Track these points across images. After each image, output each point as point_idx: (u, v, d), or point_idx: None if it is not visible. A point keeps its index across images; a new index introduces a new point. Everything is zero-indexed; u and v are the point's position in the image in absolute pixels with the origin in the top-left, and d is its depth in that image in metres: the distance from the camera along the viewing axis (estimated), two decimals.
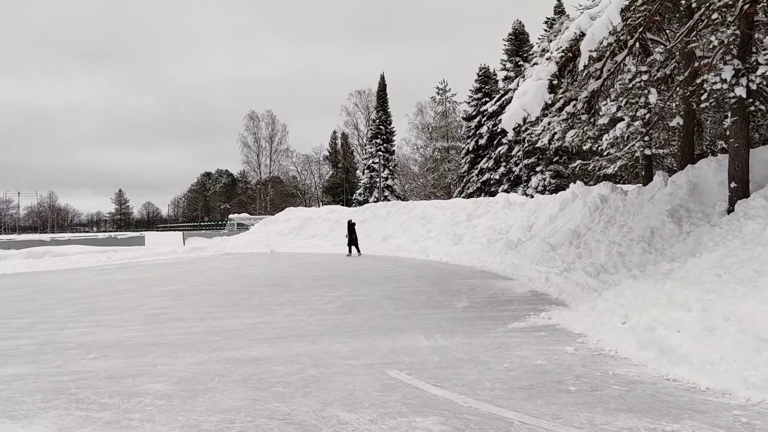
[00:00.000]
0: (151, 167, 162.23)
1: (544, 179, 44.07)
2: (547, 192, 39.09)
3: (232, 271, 18.63)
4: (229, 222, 56.71)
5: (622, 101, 12.95)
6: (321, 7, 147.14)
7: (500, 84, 53.21)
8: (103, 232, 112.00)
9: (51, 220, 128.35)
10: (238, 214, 62.95)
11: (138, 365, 6.31)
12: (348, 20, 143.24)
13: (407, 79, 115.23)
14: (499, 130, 48.12)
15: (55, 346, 7.48)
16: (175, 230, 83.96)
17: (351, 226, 25.32)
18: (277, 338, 7.59)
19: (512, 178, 48.55)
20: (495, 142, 50.46)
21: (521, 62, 46.58)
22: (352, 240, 24.79)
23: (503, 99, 48.05)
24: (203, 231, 57.42)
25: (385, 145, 68.01)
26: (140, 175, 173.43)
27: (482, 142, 52.06)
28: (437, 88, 67.04)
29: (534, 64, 12.59)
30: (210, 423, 4.40)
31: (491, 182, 50.52)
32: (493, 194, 42.59)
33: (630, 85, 12.07)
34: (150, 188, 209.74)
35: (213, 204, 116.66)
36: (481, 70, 55.67)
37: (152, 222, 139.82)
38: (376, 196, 63.08)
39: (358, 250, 24.84)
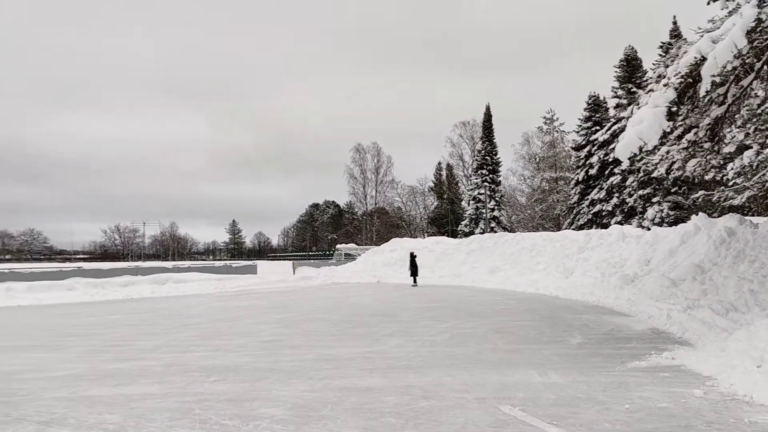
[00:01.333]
0: (261, 199, 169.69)
1: (662, 211, 41.96)
2: (664, 224, 37.19)
3: (341, 301, 18.97)
4: (336, 252, 57.95)
5: (749, 128, 12.16)
6: (410, 39, 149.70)
7: (611, 112, 51.57)
8: (219, 260, 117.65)
9: (172, 249, 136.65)
10: (345, 244, 64.29)
11: (255, 390, 6.53)
12: (441, 52, 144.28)
13: (511, 110, 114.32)
14: (611, 160, 46.50)
15: (178, 368, 7.89)
16: (285, 259, 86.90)
17: (412, 258, 26.73)
18: (387, 368, 7.63)
19: (626, 210, 46.57)
20: (606, 172, 48.73)
21: (634, 89, 44.93)
22: (414, 271, 26.21)
23: (615, 127, 46.49)
24: (312, 260, 59.03)
25: (491, 175, 67.39)
26: (251, 206, 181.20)
27: (593, 172, 50.44)
28: (544, 117, 66.03)
29: (649, 91, 12.10)
30: None
31: (603, 214, 48.71)
32: (605, 226, 41.02)
33: (759, 111, 11.32)
34: (261, 219, 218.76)
35: (321, 234, 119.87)
36: (590, 99, 54.21)
37: (263, 251, 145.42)
38: (482, 227, 62.46)
39: (415, 281, 26.16)
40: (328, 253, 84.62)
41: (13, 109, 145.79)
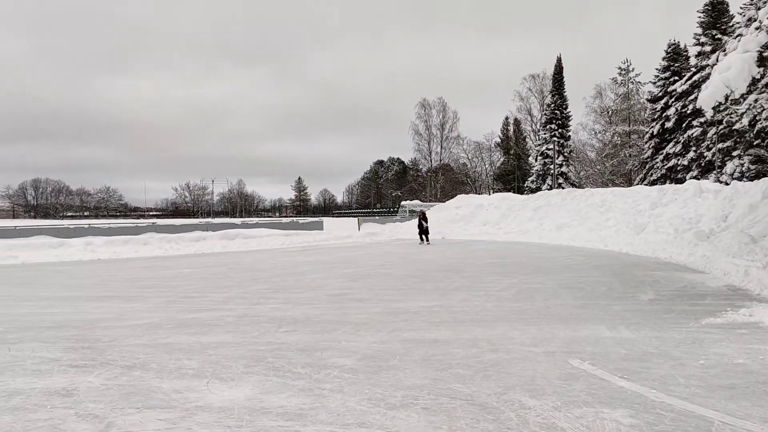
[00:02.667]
0: (326, 156, 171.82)
1: (742, 165, 39.92)
2: (745, 179, 35.44)
3: (406, 256, 19.11)
4: (401, 209, 58.12)
5: None
6: None
7: (692, 61, 48.94)
8: (285, 216, 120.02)
9: (240, 206, 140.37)
10: (409, 201, 64.37)
11: (325, 340, 6.68)
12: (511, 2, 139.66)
13: (583, 62, 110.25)
14: (689, 112, 44.51)
15: (251, 319, 8.16)
16: (350, 216, 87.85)
17: (423, 216, 26.60)
18: (454, 322, 7.67)
19: (703, 164, 44.61)
20: (684, 124, 46.63)
21: (719, 36, 42.41)
22: (424, 230, 26.09)
23: (696, 77, 44.23)
24: (376, 217, 59.45)
25: (560, 130, 65.59)
26: (317, 164, 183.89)
27: (669, 125, 48.34)
28: (619, 68, 63.47)
29: (738, 36, 11.36)
30: (395, 398, 4.55)
31: (678, 168, 46.83)
32: (679, 181, 39.45)
33: None
34: (326, 176, 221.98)
35: (385, 191, 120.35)
36: (669, 47, 51.53)
37: (328, 208, 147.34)
38: (550, 183, 61.21)
39: (428, 239, 26.13)
40: (392, 209, 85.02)
41: (87, 74, 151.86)
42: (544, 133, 66.98)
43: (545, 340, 6.48)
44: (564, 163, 64.64)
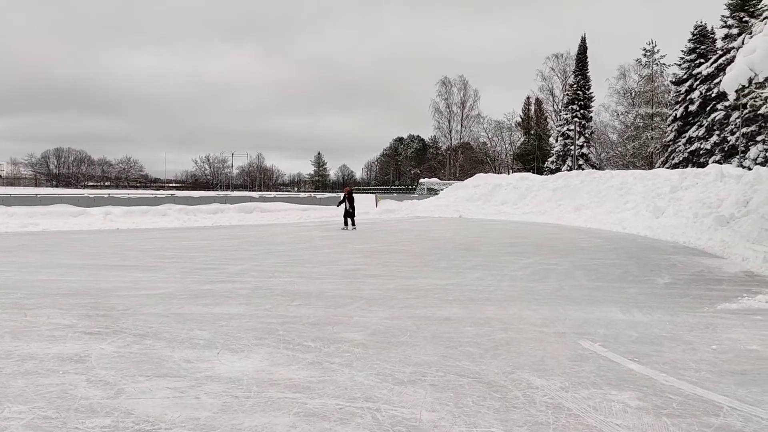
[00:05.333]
0: (346, 132, 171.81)
1: (766, 150, 39.22)
2: None
3: (422, 234, 19.09)
4: (419, 186, 57.93)
5: None
6: None
7: (718, 44, 47.93)
8: (303, 191, 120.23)
9: (259, 179, 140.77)
10: (428, 178, 64.17)
11: (336, 315, 6.71)
12: None
13: (607, 42, 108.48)
14: (714, 95, 43.67)
15: (264, 292, 8.21)
16: (368, 192, 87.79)
17: (348, 195, 21.50)
18: (466, 300, 7.66)
19: (726, 149, 43.87)
20: (708, 108, 45.81)
21: (747, 18, 41.41)
22: (348, 212, 21.25)
23: (722, 60, 43.33)
24: (394, 194, 59.29)
25: (582, 111, 64.73)
26: (336, 140, 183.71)
27: (693, 108, 47.53)
28: (643, 49, 62.48)
29: (765, 19, 11.10)
30: (403, 374, 4.57)
31: (700, 152, 46.12)
32: (701, 165, 38.88)
33: None
34: (345, 152, 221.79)
35: (404, 168, 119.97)
36: (696, 29, 50.48)
37: (347, 184, 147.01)
38: (570, 164, 60.62)
39: (353, 223, 21.43)
40: (410, 187, 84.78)
41: (94, 47, 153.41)
42: (566, 114, 66.18)
43: (557, 321, 6.46)
44: (585, 144, 63.90)
